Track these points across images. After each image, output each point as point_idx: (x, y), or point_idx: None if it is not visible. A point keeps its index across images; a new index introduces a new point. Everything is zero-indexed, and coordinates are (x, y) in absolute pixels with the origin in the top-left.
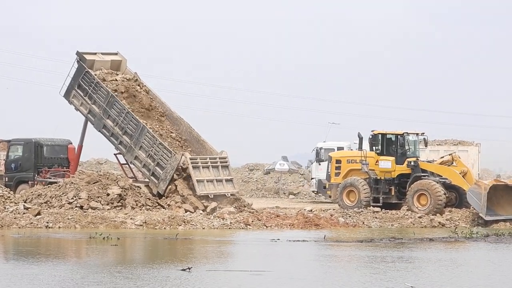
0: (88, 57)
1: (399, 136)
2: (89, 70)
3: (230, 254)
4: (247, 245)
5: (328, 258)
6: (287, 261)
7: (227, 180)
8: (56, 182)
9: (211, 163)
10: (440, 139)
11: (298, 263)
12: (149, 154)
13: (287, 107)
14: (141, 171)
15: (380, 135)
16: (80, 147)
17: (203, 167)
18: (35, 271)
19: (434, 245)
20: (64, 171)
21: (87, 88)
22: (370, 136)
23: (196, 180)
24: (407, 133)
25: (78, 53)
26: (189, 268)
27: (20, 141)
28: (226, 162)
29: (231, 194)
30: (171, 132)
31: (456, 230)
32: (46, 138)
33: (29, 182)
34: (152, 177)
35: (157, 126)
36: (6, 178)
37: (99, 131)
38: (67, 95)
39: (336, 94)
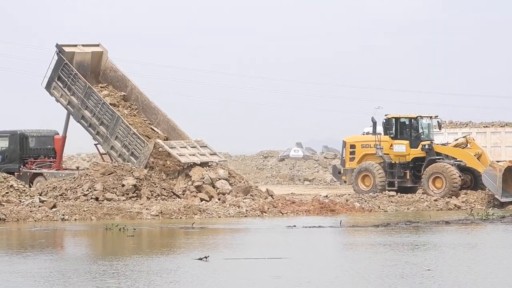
0: (68, 49)
1: (412, 120)
2: (68, 62)
3: (247, 242)
4: (263, 232)
5: (345, 243)
6: (303, 248)
7: (211, 154)
8: (41, 173)
9: (187, 144)
10: (487, 121)
11: (315, 249)
12: (124, 144)
13: (300, 93)
14: (117, 161)
15: (393, 119)
16: (64, 138)
17: (180, 147)
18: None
19: (451, 228)
20: (50, 162)
21: (66, 79)
22: (384, 121)
23: (177, 154)
24: (420, 116)
25: (57, 46)
26: (206, 257)
27: (5, 133)
28: (204, 143)
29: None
30: (147, 122)
31: (472, 212)
32: (32, 129)
33: (15, 174)
34: None
35: (133, 117)
36: None
37: (78, 121)
38: (48, 87)
39: (350, 80)
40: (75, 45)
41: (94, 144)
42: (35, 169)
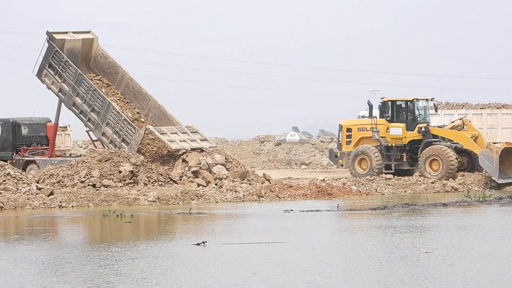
0: (58, 36)
1: (408, 103)
2: (58, 50)
3: (244, 226)
4: (260, 217)
5: (342, 227)
6: (301, 232)
7: (201, 140)
8: (34, 161)
9: (178, 130)
10: (484, 102)
11: (313, 233)
12: (115, 130)
13: (296, 77)
14: (108, 147)
15: (390, 102)
16: (56, 125)
17: (171, 133)
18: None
19: (448, 210)
20: (43, 149)
21: (57, 67)
22: (380, 104)
23: (167, 140)
24: (416, 99)
25: (48, 33)
26: (203, 242)
27: None
28: (194, 129)
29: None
30: (137, 109)
31: (469, 194)
32: (24, 117)
33: (8, 161)
34: None
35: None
36: None
37: (69, 109)
38: (39, 74)
39: (345, 64)
40: (66, 32)
41: (86, 131)
42: (28, 157)
